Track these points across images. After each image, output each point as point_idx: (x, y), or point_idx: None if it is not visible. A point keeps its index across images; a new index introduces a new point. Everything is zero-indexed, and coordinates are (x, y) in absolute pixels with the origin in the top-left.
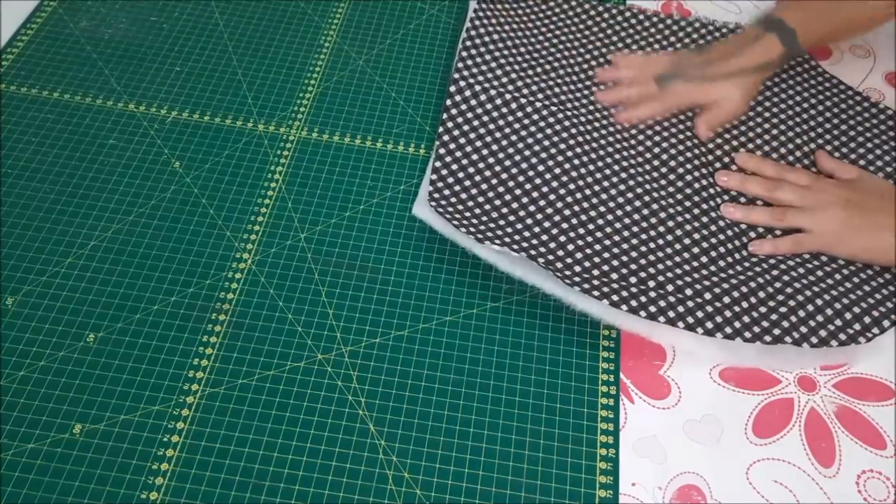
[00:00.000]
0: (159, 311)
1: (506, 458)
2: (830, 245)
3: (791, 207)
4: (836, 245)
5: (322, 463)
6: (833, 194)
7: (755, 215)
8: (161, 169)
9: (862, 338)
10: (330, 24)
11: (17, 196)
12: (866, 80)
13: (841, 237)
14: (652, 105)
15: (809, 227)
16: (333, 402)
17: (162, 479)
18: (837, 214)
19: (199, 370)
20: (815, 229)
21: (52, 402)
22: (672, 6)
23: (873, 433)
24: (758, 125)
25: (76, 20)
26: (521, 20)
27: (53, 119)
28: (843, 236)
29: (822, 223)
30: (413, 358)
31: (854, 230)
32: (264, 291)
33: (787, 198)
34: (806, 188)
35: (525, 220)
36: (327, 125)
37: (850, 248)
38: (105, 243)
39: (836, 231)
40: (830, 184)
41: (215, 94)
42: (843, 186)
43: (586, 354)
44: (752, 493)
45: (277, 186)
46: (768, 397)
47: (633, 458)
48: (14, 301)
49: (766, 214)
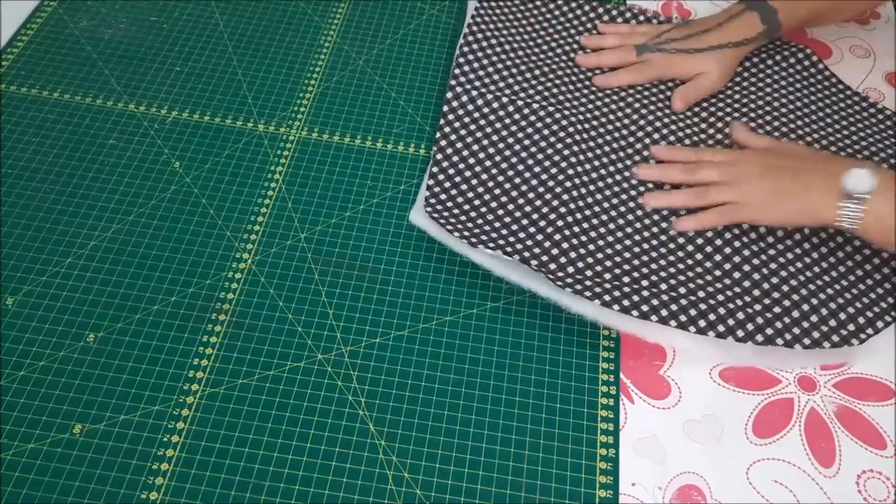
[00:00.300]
0: (159, 311)
1: (506, 458)
2: (758, 213)
3: (713, 184)
4: (764, 213)
5: (322, 463)
6: (753, 163)
7: (675, 198)
8: (161, 169)
9: (855, 339)
10: (330, 24)
11: (17, 196)
12: (866, 80)
13: (767, 204)
14: (631, 72)
15: (734, 199)
16: (333, 402)
17: (162, 479)
18: (760, 183)
19: (199, 370)
20: (741, 200)
21: (52, 402)
22: (672, 6)
23: (873, 433)
24: (751, 121)
25: (76, 20)
26: (521, 21)
27: (53, 119)
28: (769, 203)
29: (746, 194)
30: (413, 358)
31: (779, 196)
32: (264, 291)
33: (707, 176)
34: (725, 163)
35: (520, 222)
36: (327, 125)
37: (778, 215)
38: (105, 243)
39: (761, 199)
40: (749, 153)
41: (215, 94)
42: (761, 154)
43: (586, 354)
44: (752, 493)
45: (277, 186)
46: (768, 397)
47: (633, 458)
48: (14, 301)
49: (687, 195)
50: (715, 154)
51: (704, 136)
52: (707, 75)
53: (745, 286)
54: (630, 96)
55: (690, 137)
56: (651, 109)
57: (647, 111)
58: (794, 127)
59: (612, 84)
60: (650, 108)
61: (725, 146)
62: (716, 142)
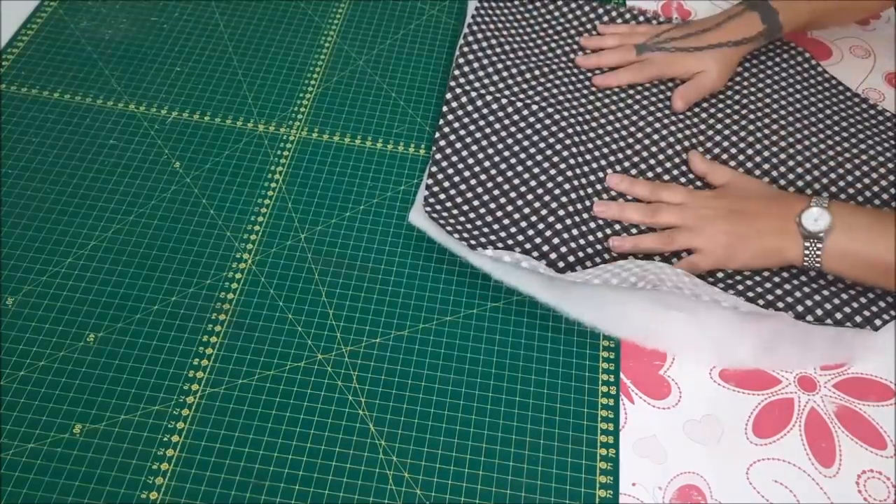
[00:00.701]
0: (159, 311)
1: (506, 458)
2: (725, 259)
3: (676, 228)
4: (730, 259)
5: (322, 463)
6: (713, 207)
7: (645, 243)
8: (161, 169)
9: (858, 317)
10: (330, 24)
11: (17, 196)
12: (866, 81)
13: (732, 250)
14: (631, 71)
15: (699, 247)
16: (333, 402)
17: (162, 479)
18: (722, 228)
19: (199, 370)
20: (706, 247)
21: (52, 402)
22: (672, 6)
23: (873, 433)
24: (751, 122)
25: (76, 20)
26: (521, 21)
27: (53, 119)
28: (733, 249)
29: (710, 240)
30: (413, 358)
31: (742, 240)
32: (264, 291)
33: (667, 220)
34: (684, 206)
35: (519, 224)
36: (327, 125)
37: (742, 259)
38: (105, 243)
39: (725, 245)
40: (707, 196)
41: (215, 94)
42: (720, 196)
43: (586, 354)
44: (753, 493)
45: (277, 186)
46: (768, 397)
47: (633, 458)
48: (14, 301)
49: (655, 240)
50: (673, 194)
51: (703, 139)
52: (707, 74)
53: (742, 288)
54: (630, 97)
55: (689, 139)
56: (651, 111)
57: (646, 112)
58: (792, 130)
59: (612, 83)
60: (650, 109)
61: (724, 147)
62: (714, 143)
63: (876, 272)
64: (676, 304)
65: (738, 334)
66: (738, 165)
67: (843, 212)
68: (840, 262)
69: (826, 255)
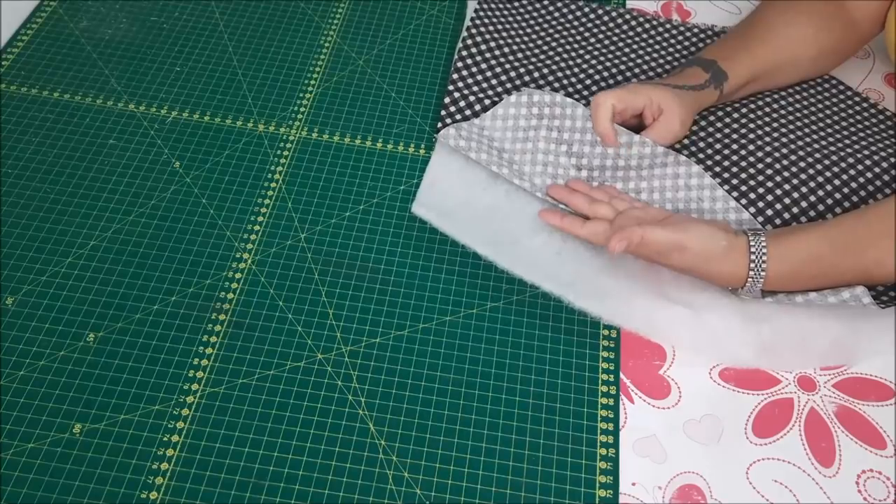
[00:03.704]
0: (159, 311)
1: (506, 458)
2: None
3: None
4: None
5: (322, 463)
6: (647, 213)
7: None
8: (161, 169)
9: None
10: (330, 24)
11: (17, 196)
12: (866, 81)
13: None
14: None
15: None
16: (333, 402)
17: (162, 479)
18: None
19: (199, 370)
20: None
21: (52, 402)
22: (672, 6)
23: (873, 433)
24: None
25: (76, 20)
26: (520, 22)
27: (53, 119)
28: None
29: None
30: (413, 358)
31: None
32: (264, 291)
33: (605, 213)
34: (617, 212)
35: None
36: (327, 125)
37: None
38: (105, 243)
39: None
40: (637, 207)
41: (215, 94)
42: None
43: (586, 354)
44: (752, 493)
45: (277, 186)
46: (768, 397)
47: (633, 458)
48: (14, 301)
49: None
50: (603, 202)
51: (703, 145)
52: (671, 111)
53: None
54: None
55: (691, 143)
56: None
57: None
58: (793, 128)
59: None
60: None
61: (724, 145)
62: (714, 141)
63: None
64: (679, 298)
65: (738, 332)
66: (739, 161)
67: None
68: (776, 281)
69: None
